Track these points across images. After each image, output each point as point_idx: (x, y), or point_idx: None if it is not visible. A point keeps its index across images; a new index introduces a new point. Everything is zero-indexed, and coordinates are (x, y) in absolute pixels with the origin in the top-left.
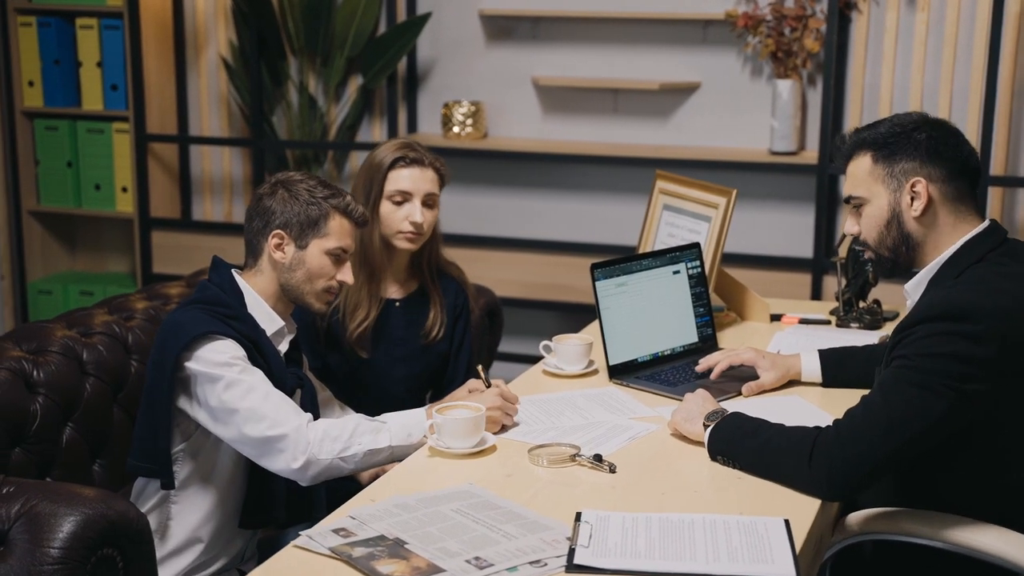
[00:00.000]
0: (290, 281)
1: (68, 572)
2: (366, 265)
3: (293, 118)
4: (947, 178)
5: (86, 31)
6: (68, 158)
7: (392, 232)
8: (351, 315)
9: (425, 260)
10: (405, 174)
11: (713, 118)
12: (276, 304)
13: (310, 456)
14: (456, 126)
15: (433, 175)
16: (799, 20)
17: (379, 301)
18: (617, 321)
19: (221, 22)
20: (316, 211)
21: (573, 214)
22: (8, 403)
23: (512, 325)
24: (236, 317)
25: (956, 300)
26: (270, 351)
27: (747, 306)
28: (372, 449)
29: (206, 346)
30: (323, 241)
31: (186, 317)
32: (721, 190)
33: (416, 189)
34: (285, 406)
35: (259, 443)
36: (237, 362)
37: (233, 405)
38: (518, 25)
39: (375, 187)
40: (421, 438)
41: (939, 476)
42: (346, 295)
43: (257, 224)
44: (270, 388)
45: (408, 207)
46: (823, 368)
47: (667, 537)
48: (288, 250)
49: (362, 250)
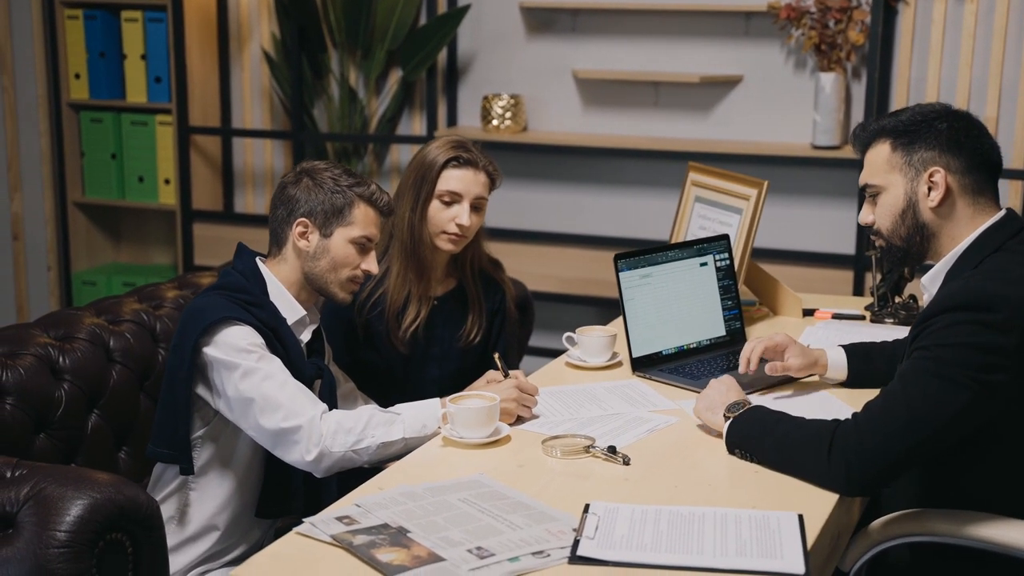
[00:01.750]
0: (314, 270)
1: (74, 556)
2: (415, 263)
3: (334, 111)
4: (966, 169)
5: (131, 24)
6: (112, 150)
7: (436, 232)
8: (400, 314)
9: (468, 261)
10: (457, 175)
11: (755, 112)
12: (299, 293)
13: (323, 448)
14: (495, 119)
15: (485, 179)
16: (843, 12)
17: (428, 300)
18: (641, 313)
19: (264, 15)
20: (341, 199)
21: (612, 208)
22: (33, 389)
23: (550, 320)
24: (257, 304)
25: (976, 289)
26: (290, 340)
27: (779, 300)
28: (385, 442)
29: (224, 331)
30: (348, 230)
31: (206, 303)
32: (752, 181)
33: (467, 191)
34: (301, 396)
35: (273, 434)
36: (255, 349)
37: (249, 394)
38: (558, 17)
39: (426, 185)
40: (436, 429)
41: (966, 473)
42: (392, 292)
43: (281, 212)
44: (287, 377)
45: (456, 208)
46: (848, 362)
47: (675, 530)
48: (312, 239)
49: (412, 247)
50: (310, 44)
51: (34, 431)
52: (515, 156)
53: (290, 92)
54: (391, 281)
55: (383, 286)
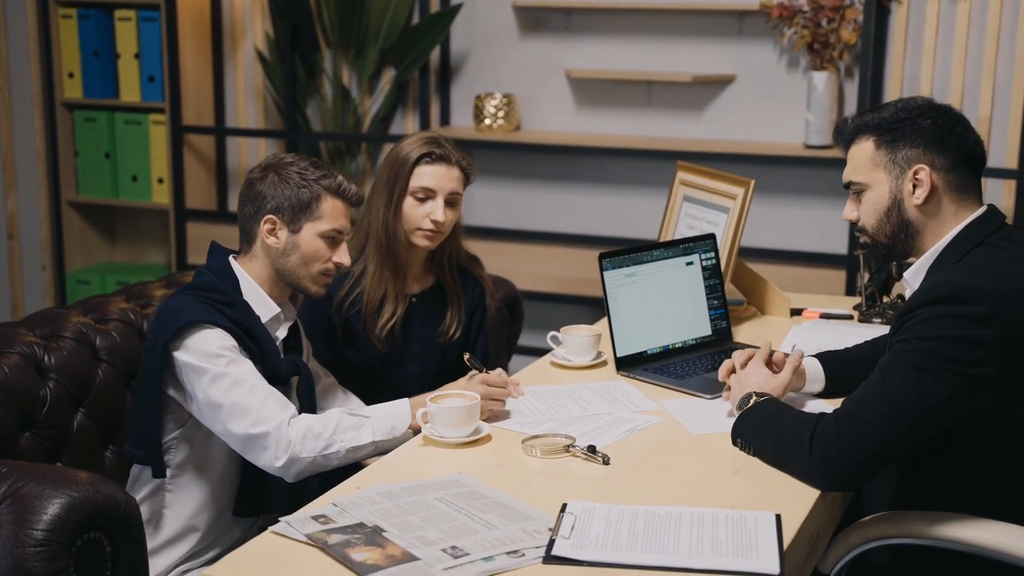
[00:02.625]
0: (285, 266)
1: (51, 554)
2: (391, 260)
3: (327, 110)
4: (951, 166)
5: (124, 23)
6: (106, 149)
7: (411, 228)
8: (377, 312)
9: (445, 257)
10: (430, 171)
11: (748, 111)
12: (272, 289)
13: (292, 454)
14: (488, 118)
15: (459, 174)
16: (836, 11)
17: (405, 298)
18: (625, 312)
19: (257, 14)
20: (308, 193)
21: (605, 208)
22: (18, 387)
23: (543, 320)
24: (229, 303)
25: (957, 282)
26: (264, 338)
27: (767, 300)
28: (354, 446)
29: (194, 335)
30: (316, 224)
31: (177, 304)
32: (739, 180)
33: (440, 187)
34: (270, 401)
35: (242, 439)
36: (225, 353)
37: (218, 399)
38: (551, 17)
39: (400, 182)
40: (406, 430)
41: (947, 474)
42: (369, 290)
43: (249, 210)
44: (257, 381)
45: (431, 204)
46: (825, 371)
47: (651, 530)
48: (281, 235)
49: (387, 245)
50: (303, 43)
51: (19, 430)
52: (508, 155)
53: (283, 91)
54: (367, 279)
55: (360, 285)
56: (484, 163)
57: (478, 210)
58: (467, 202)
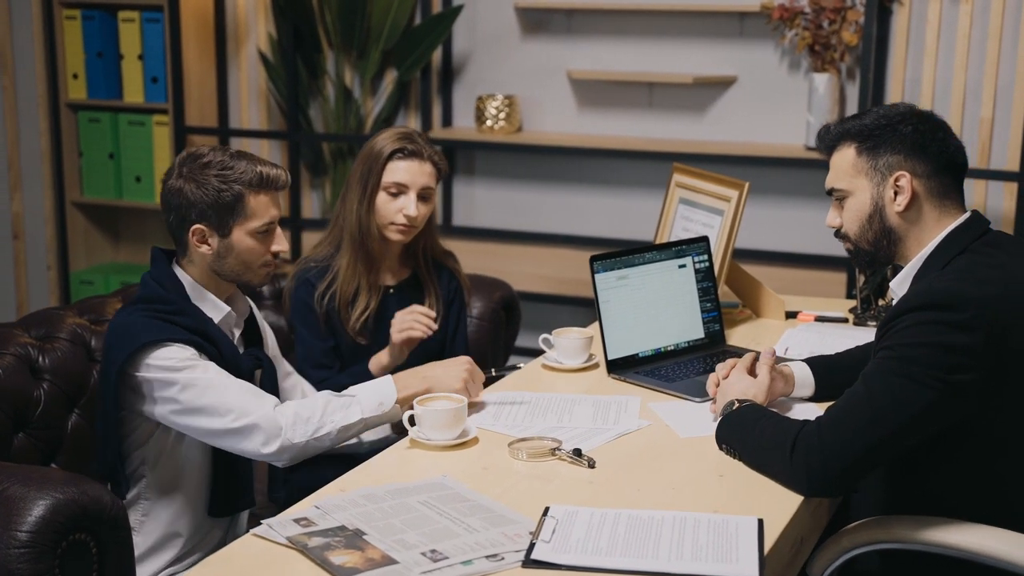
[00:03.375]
0: (222, 269)
1: (35, 556)
2: (364, 254)
3: (329, 111)
4: (932, 173)
5: (128, 24)
6: (110, 150)
7: (385, 223)
8: (350, 304)
9: (420, 250)
10: (403, 166)
11: (749, 113)
12: (218, 288)
13: (284, 441)
14: (489, 119)
15: (431, 168)
16: (837, 12)
17: (378, 290)
18: (617, 315)
19: (261, 16)
20: (230, 195)
21: (607, 209)
22: (11, 388)
23: (544, 322)
24: (179, 312)
25: (940, 289)
26: (220, 339)
27: (762, 302)
28: (345, 425)
29: (152, 354)
30: (246, 223)
31: (128, 324)
32: (734, 183)
33: (413, 182)
34: (247, 395)
35: (227, 434)
36: (187, 363)
37: (193, 405)
38: (553, 18)
39: (372, 177)
40: (394, 406)
41: (934, 478)
42: (342, 283)
43: (173, 219)
44: (227, 380)
45: (403, 199)
46: (814, 376)
47: (632, 534)
48: (213, 241)
49: (360, 239)
50: (306, 44)
51: (12, 430)
52: (509, 156)
53: (285, 92)
54: (341, 273)
55: (336, 280)
56: (485, 164)
57: (479, 211)
58: (469, 203)
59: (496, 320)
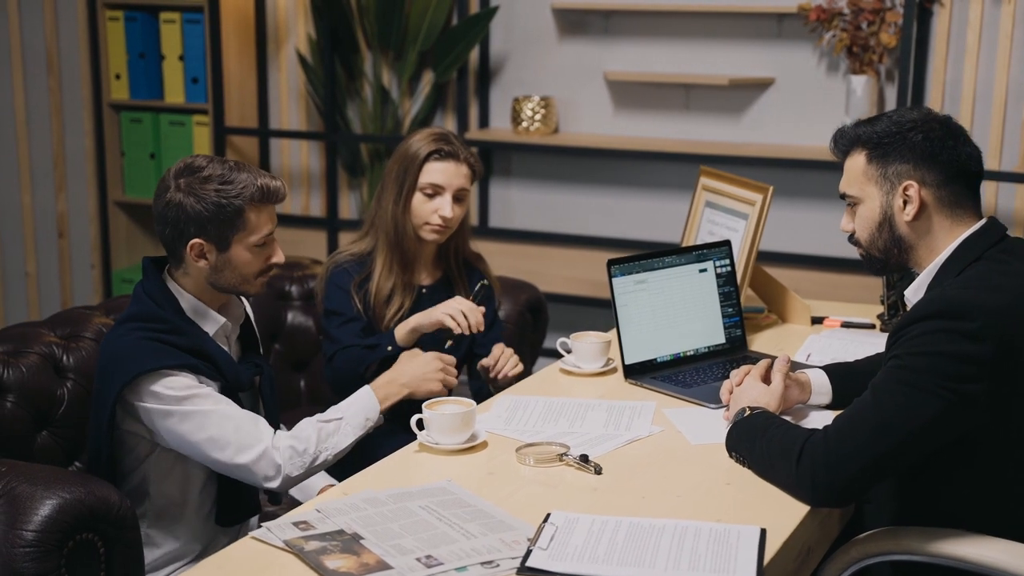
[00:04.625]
0: (219, 281)
1: (42, 555)
2: (399, 254)
3: (367, 112)
4: (942, 182)
5: (169, 25)
6: (151, 150)
7: (420, 223)
8: (385, 304)
9: (452, 251)
10: (439, 168)
11: (786, 115)
12: (212, 299)
13: (283, 477)
14: (525, 121)
15: (467, 170)
16: (876, 14)
17: (413, 290)
18: (635, 319)
19: (300, 17)
20: (230, 210)
21: (642, 211)
22: (36, 387)
23: (579, 324)
24: (173, 331)
25: (951, 298)
26: (217, 354)
27: (788, 307)
28: (338, 451)
29: (149, 385)
30: (245, 237)
31: (125, 347)
32: (758, 186)
33: (449, 183)
34: (246, 427)
35: (227, 467)
36: (185, 392)
37: (191, 438)
38: (590, 19)
39: (408, 178)
40: (378, 417)
41: (945, 490)
42: (378, 281)
43: (170, 232)
44: (226, 409)
45: (439, 200)
46: (832, 383)
47: (631, 543)
48: (211, 256)
49: (395, 239)
50: (344, 46)
51: (35, 429)
52: (545, 158)
53: (323, 93)
54: (376, 272)
55: (371, 279)
56: (521, 166)
57: (515, 213)
58: (505, 205)
59: (522, 322)
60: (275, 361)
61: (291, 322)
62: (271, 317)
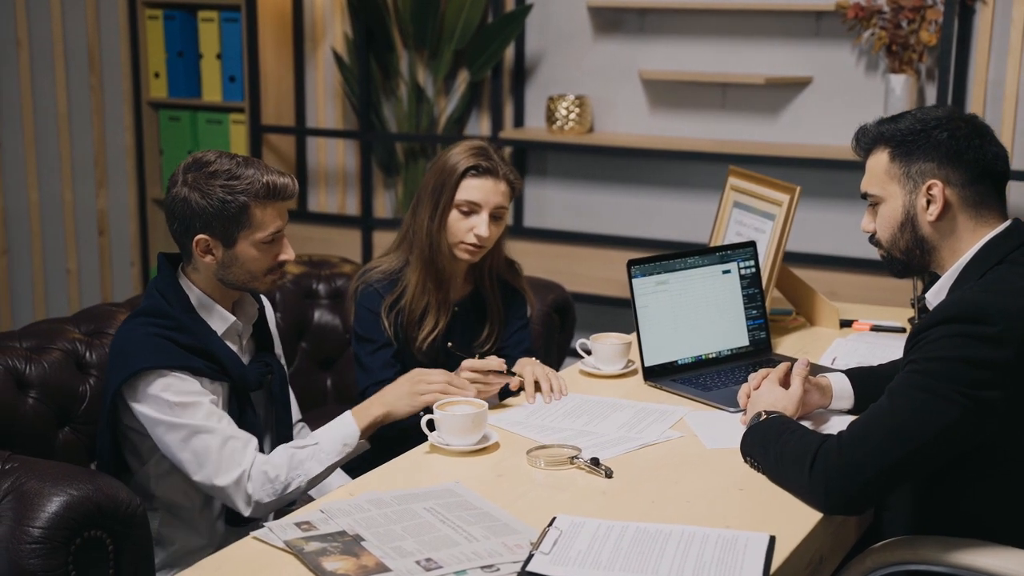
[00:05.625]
0: (227, 278)
1: (48, 552)
2: (433, 272)
3: (402, 111)
4: (967, 181)
5: (207, 24)
6: (189, 148)
7: (455, 241)
8: (418, 323)
9: (486, 269)
10: (476, 184)
11: (825, 114)
12: (223, 296)
13: (254, 505)
14: (559, 120)
15: (505, 187)
16: (916, 12)
17: (448, 309)
18: (655, 321)
19: (337, 15)
20: (235, 206)
21: (678, 212)
22: (58, 383)
23: (614, 324)
24: (179, 327)
25: (971, 301)
26: (223, 354)
27: (816, 310)
28: (312, 477)
29: (147, 385)
30: (251, 234)
31: (130, 342)
32: (785, 187)
33: (486, 201)
34: (229, 448)
35: (205, 487)
36: (179, 400)
37: (175, 451)
38: (626, 17)
39: (446, 194)
40: (356, 443)
41: (965, 497)
42: (410, 300)
43: (178, 228)
44: (214, 425)
45: (475, 219)
46: (853, 388)
47: (636, 548)
48: (217, 252)
49: (430, 256)
50: (379, 44)
51: (57, 426)
52: (580, 158)
53: (358, 92)
54: (410, 291)
55: (403, 297)
56: (556, 165)
57: (549, 213)
58: (540, 204)
59: (549, 323)
60: (302, 359)
61: (318, 320)
62: (298, 315)
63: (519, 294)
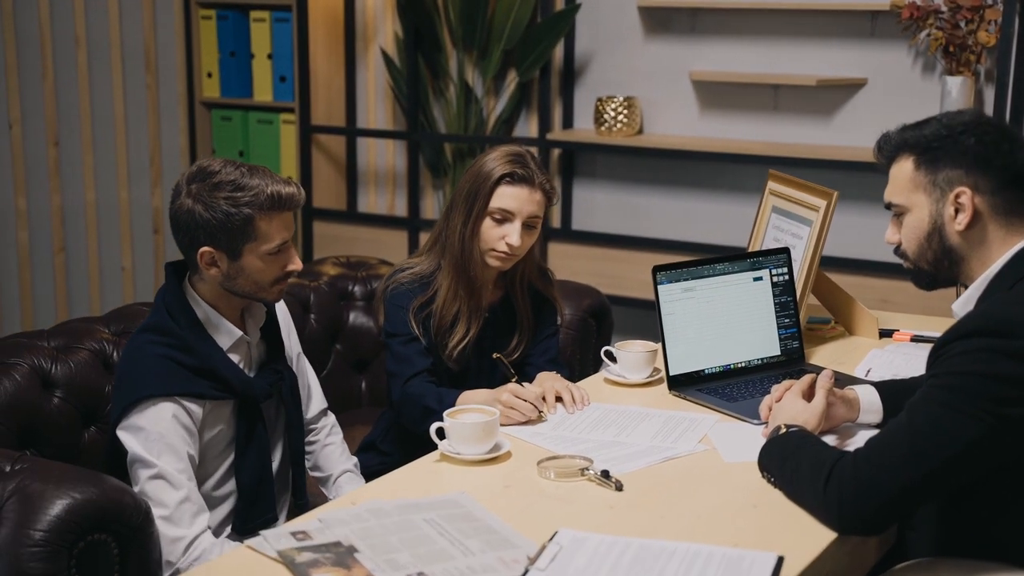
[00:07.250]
0: (233, 288)
1: (49, 555)
2: (465, 279)
3: (451, 112)
4: (997, 189)
5: (259, 24)
6: (240, 147)
7: (486, 249)
8: (449, 330)
9: (517, 278)
10: (511, 192)
11: (879, 117)
12: (230, 306)
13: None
14: (608, 121)
15: (540, 196)
16: (975, 11)
17: (480, 316)
18: (681, 329)
19: (388, 16)
20: (239, 218)
21: (728, 215)
22: (84, 383)
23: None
24: (183, 347)
25: (995, 314)
26: (227, 370)
27: (855, 319)
28: None
29: (139, 413)
30: (257, 246)
31: (137, 362)
32: (823, 191)
33: (520, 210)
34: (182, 510)
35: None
36: (161, 437)
37: (138, 481)
38: (676, 17)
39: (479, 200)
40: None
41: (987, 520)
42: (441, 306)
43: (183, 239)
44: (179, 480)
45: (508, 227)
46: (883, 402)
47: (637, 565)
48: (222, 264)
49: (462, 263)
50: (428, 44)
51: (83, 425)
52: (629, 160)
53: (407, 92)
54: (441, 295)
55: (434, 302)
56: (604, 167)
57: (598, 215)
58: (589, 207)
59: (585, 328)
60: (336, 361)
61: (352, 322)
62: (332, 317)
63: (549, 302)
